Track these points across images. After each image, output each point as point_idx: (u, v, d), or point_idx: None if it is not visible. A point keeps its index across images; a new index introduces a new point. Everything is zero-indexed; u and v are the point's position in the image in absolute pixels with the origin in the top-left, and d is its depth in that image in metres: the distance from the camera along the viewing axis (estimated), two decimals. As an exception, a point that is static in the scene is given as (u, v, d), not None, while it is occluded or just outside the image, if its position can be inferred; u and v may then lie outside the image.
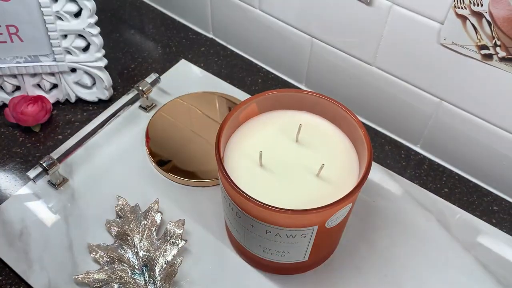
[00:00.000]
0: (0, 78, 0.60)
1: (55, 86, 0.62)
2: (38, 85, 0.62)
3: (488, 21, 0.45)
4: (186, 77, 0.67)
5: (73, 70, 0.61)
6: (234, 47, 0.71)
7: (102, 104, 0.63)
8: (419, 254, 0.50)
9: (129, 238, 0.49)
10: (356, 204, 0.52)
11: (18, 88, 0.62)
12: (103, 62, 0.60)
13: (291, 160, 0.44)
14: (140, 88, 0.60)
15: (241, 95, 0.63)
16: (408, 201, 0.54)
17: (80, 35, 0.58)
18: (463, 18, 0.46)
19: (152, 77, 0.61)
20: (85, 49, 0.59)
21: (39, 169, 0.52)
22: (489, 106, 0.51)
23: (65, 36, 0.58)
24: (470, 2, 0.44)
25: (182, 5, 0.73)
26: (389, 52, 0.54)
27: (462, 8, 0.45)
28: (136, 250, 0.49)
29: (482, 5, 0.44)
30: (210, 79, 0.66)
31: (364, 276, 0.49)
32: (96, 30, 0.58)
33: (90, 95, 0.62)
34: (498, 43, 0.45)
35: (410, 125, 0.59)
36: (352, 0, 0.53)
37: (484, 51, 0.47)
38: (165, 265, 0.47)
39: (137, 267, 0.48)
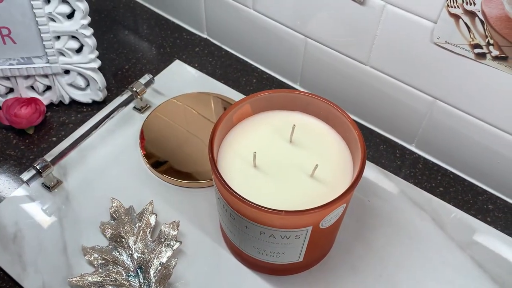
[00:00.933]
0: (-7, 80, 0.60)
1: (48, 88, 0.62)
2: (32, 87, 0.62)
3: (481, 20, 0.45)
4: (180, 78, 0.66)
5: (67, 71, 0.61)
6: (229, 47, 0.71)
7: (96, 106, 0.63)
8: (414, 253, 0.50)
9: (123, 240, 0.49)
10: (351, 203, 0.52)
11: (11, 90, 0.62)
12: (97, 64, 0.60)
13: (285, 160, 0.44)
14: (134, 89, 0.59)
15: (235, 96, 0.63)
16: (403, 201, 0.54)
17: (73, 37, 0.58)
18: (456, 17, 0.46)
19: (146, 78, 0.61)
20: (79, 50, 0.59)
21: (33, 172, 0.51)
22: (483, 105, 0.51)
23: (58, 37, 0.58)
24: (463, 1, 0.44)
25: (176, 5, 0.72)
26: (383, 52, 0.54)
27: (455, 7, 0.45)
28: (130, 252, 0.48)
29: (475, 4, 0.44)
30: (205, 79, 0.66)
31: (360, 275, 0.49)
32: (89, 31, 0.57)
33: (84, 97, 0.62)
34: (491, 42, 0.45)
35: (405, 124, 0.59)
36: (345, 0, 0.53)
37: (477, 50, 0.47)
38: (160, 267, 0.47)
39: (131, 269, 0.47)
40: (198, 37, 0.73)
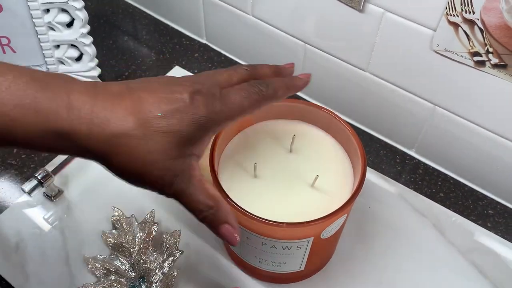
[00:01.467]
0: (-7, 89, 0.60)
1: (48, 96, 0.62)
2: (32, 95, 0.62)
3: (480, 28, 0.45)
4: (180, 84, 0.66)
5: (67, 79, 0.61)
6: (228, 52, 0.71)
7: (97, 113, 0.63)
8: (415, 259, 0.51)
9: (125, 249, 0.49)
10: (351, 210, 0.52)
11: (11, 98, 0.62)
12: (97, 72, 0.60)
13: (285, 170, 0.44)
14: (134, 97, 0.59)
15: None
16: (403, 206, 0.55)
17: (73, 45, 0.58)
18: (456, 25, 0.46)
19: (146, 85, 0.61)
20: (78, 58, 0.59)
21: (34, 182, 0.51)
22: (483, 111, 0.51)
23: (58, 46, 0.58)
24: (462, 10, 0.44)
25: (175, 11, 0.72)
26: (382, 58, 0.54)
27: (454, 15, 0.45)
28: (132, 261, 0.49)
29: (474, 13, 0.44)
30: (204, 85, 0.66)
31: (360, 282, 0.49)
32: (88, 40, 0.58)
33: (84, 105, 0.62)
34: (491, 50, 0.45)
35: (405, 130, 0.59)
36: (344, 7, 0.53)
37: (476, 58, 0.47)
38: (162, 277, 0.47)
39: (133, 279, 0.48)
40: (198, 43, 0.73)
